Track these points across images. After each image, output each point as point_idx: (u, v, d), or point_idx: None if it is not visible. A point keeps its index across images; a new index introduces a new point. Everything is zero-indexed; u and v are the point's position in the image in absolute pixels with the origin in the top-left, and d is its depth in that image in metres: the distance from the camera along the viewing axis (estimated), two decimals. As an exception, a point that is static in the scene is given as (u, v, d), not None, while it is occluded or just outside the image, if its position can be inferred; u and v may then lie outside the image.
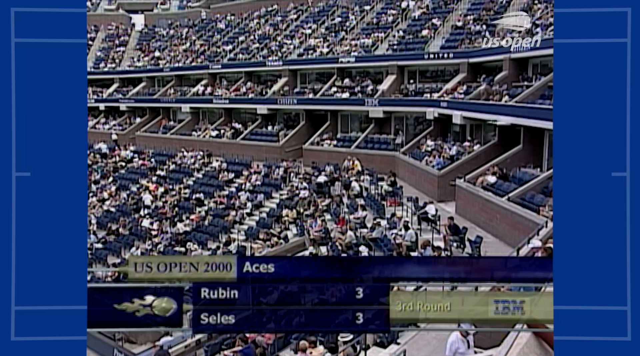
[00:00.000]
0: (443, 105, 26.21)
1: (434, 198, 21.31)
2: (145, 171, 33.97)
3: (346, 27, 36.70)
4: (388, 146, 28.42)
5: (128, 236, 26.36)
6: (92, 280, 23.28)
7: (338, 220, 21.51)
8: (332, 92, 32.54)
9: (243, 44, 41.17)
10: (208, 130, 36.66)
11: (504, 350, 6.57)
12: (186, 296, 5.99)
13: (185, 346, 16.21)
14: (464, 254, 16.06)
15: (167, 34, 49.23)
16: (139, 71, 44.87)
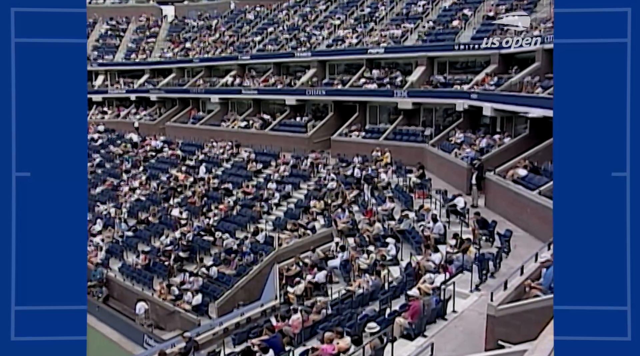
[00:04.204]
0: (473, 97, 25.87)
1: (463, 190, 21.11)
2: (175, 160, 34.40)
3: (375, 17, 36.44)
4: (417, 138, 28.20)
5: (158, 224, 26.77)
6: (124, 267, 23.81)
7: (366, 211, 21.49)
8: (360, 84, 32.39)
9: (272, 35, 41.24)
10: (237, 121, 36.89)
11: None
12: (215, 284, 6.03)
13: (213, 335, 16.45)
14: (493, 248, 15.89)
15: (197, 25, 49.61)
16: (169, 62, 45.37)
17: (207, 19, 49.74)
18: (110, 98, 46.05)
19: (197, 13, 51.71)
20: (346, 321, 12.91)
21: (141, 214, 28.35)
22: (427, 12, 34.39)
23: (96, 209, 30.09)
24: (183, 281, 21.36)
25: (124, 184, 32.71)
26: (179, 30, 50.05)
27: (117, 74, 47.07)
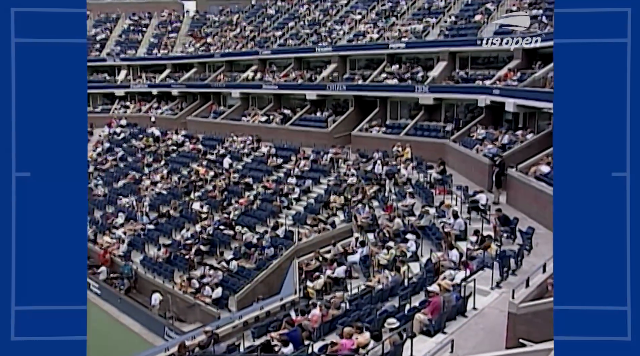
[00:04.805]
0: (495, 92, 25.59)
1: (484, 187, 20.92)
2: (196, 155, 34.64)
3: (397, 12, 36.21)
4: (438, 134, 27.99)
5: (179, 218, 27.01)
6: (145, 259, 24.09)
7: (386, 207, 21.43)
8: (381, 79, 32.24)
9: (293, 30, 41.22)
10: (257, 115, 37.01)
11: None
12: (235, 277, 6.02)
13: (232, 328, 16.57)
14: (514, 245, 15.74)
15: (218, 20, 49.80)
16: (190, 57, 45.65)
17: (228, 14, 49.91)
18: (132, 92, 46.51)
19: (218, 8, 51.89)
20: (365, 316, 12.91)
21: (162, 207, 28.66)
22: (449, 6, 34.06)
23: (118, 202, 30.46)
24: (203, 275, 21.55)
25: (146, 178, 33.05)
26: (201, 25, 50.31)
27: (139, 68, 47.49)
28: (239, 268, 21.49)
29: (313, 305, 14.80)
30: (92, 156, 38.96)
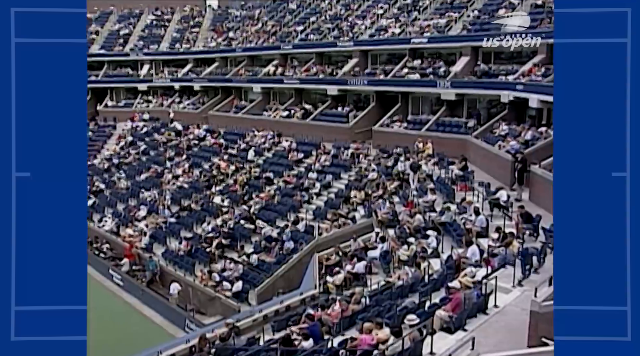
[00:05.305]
0: (519, 88, 25.26)
1: (506, 183, 20.71)
2: (217, 149, 34.86)
3: (419, 7, 35.91)
4: (460, 129, 27.76)
5: (200, 212, 27.23)
6: (167, 252, 24.35)
7: (407, 203, 21.34)
8: (403, 74, 32.05)
9: (314, 25, 41.15)
10: (278, 110, 37.08)
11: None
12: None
13: (252, 321, 16.68)
14: (537, 242, 15.57)
15: (240, 15, 49.94)
16: (212, 52, 45.82)
17: (250, 9, 50.01)
18: (154, 87, 46.92)
19: (240, 3, 52.04)
20: (385, 312, 12.89)
21: (184, 201, 28.93)
22: (473, 0, 33.68)
23: (141, 196, 30.82)
24: (224, 268, 21.73)
25: (168, 172, 33.38)
26: (222, 20, 50.49)
27: (161, 63, 47.87)
28: (259, 262, 21.61)
29: (333, 299, 14.83)
30: (115, 150, 39.49)
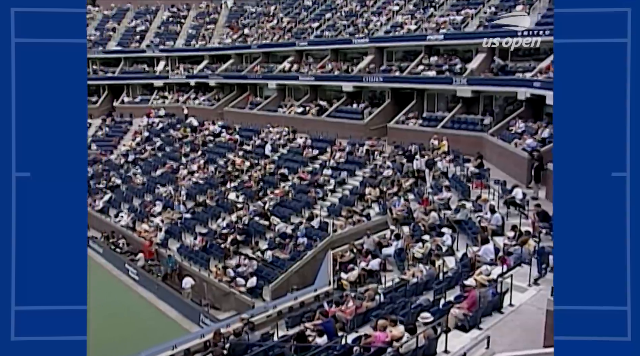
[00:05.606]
0: (536, 85, 25.01)
1: (522, 181, 20.55)
2: (233, 145, 34.98)
3: (435, 3, 35.67)
4: (475, 127, 27.57)
5: (215, 207, 27.37)
6: (182, 247, 24.51)
7: (422, 200, 21.28)
8: (419, 71, 31.87)
9: (329, 21, 41.09)
10: (293, 106, 37.12)
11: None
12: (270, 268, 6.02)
13: (267, 317, 16.75)
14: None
15: (255, 12, 50.01)
16: (227, 48, 45.99)
17: (266, 5, 50.07)
18: (170, 83, 47.19)
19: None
20: (399, 309, 12.88)
21: (199, 197, 29.11)
22: (490, -3, 33.39)
23: (156, 191, 31.05)
24: (238, 264, 21.83)
25: (183, 168, 33.58)
26: (238, 16, 50.59)
27: (177, 59, 48.11)
28: (273, 258, 21.69)
29: (347, 296, 14.84)
30: (132, 145, 39.82)
